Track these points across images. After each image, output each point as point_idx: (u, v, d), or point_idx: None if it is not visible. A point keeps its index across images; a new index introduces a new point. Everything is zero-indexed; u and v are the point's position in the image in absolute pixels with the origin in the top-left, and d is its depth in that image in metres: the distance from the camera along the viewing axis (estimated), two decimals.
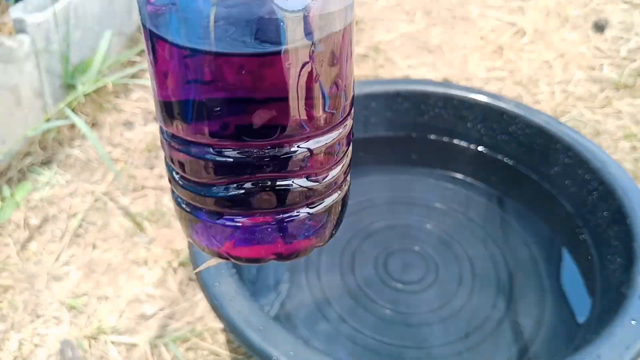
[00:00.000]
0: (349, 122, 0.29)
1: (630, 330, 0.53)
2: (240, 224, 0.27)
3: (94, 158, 0.98)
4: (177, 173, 0.28)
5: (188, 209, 0.29)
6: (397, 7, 1.47)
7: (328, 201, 0.29)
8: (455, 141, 0.85)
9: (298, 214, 0.28)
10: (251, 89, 0.24)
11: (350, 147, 0.30)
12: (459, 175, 0.88)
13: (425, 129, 0.84)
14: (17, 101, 0.91)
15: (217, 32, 0.22)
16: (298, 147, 0.26)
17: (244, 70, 0.23)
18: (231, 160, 0.25)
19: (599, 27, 1.37)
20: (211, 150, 0.25)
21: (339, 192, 0.30)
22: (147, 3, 0.24)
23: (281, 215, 0.27)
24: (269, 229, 0.27)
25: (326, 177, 0.28)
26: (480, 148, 0.84)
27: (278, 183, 0.26)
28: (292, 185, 0.27)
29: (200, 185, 0.27)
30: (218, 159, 0.25)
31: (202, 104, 0.24)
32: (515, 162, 0.82)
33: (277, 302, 0.72)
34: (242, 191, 0.26)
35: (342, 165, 0.29)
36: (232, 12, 0.22)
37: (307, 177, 0.27)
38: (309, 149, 0.26)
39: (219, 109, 0.24)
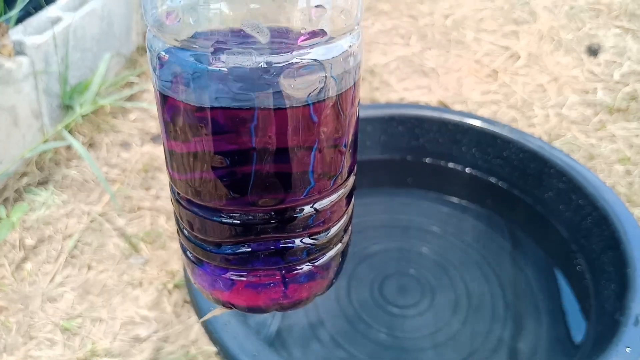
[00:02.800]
0: (351, 181, 0.29)
1: (625, 358, 0.53)
2: (244, 278, 0.28)
3: (90, 179, 0.98)
4: (185, 228, 0.28)
5: (194, 260, 0.29)
6: (393, 31, 1.49)
7: (329, 254, 0.29)
8: (450, 165, 0.85)
9: (301, 268, 0.28)
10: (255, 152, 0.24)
11: (353, 200, 0.30)
12: (454, 199, 0.89)
13: (420, 153, 0.85)
14: (15, 122, 0.91)
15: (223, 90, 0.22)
16: (302, 209, 0.26)
17: (248, 130, 0.23)
18: (238, 222, 0.26)
19: (593, 51, 1.39)
20: (219, 213, 0.26)
21: (340, 244, 0.30)
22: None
23: (284, 270, 0.28)
24: (272, 282, 0.28)
25: (328, 233, 0.28)
26: (475, 172, 0.84)
27: (282, 243, 0.27)
28: (295, 243, 0.27)
29: (206, 242, 0.27)
30: (225, 221, 0.26)
31: (210, 170, 0.24)
32: (510, 186, 0.83)
33: (272, 325, 0.72)
34: (247, 250, 0.27)
35: (343, 220, 0.29)
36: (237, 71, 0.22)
37: (309, 236, 0.27)
38: (312, 211, 0.27)
39: (225, 174, 0.24)
